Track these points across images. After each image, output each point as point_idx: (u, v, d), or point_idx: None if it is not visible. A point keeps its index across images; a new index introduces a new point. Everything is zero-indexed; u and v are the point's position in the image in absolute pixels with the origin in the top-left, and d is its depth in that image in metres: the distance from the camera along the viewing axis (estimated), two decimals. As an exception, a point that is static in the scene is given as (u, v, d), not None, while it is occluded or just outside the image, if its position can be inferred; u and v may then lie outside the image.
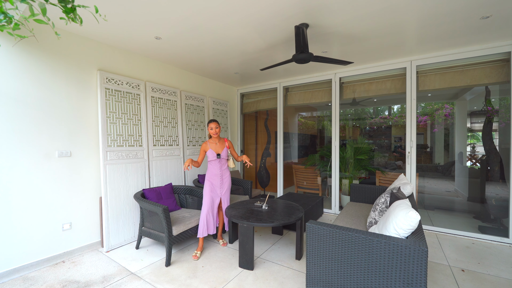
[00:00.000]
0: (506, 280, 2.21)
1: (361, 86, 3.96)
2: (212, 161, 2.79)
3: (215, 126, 2.79)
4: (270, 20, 2.40)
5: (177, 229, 2.54)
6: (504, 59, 2.98)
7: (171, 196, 3.14)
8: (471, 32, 2.69)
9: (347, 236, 1.64)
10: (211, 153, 2.77)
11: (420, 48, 3.14)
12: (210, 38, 2.82)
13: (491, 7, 2.21)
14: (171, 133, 3.64)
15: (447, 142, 6.02)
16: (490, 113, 3.75)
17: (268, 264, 2.47)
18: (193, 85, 4.16)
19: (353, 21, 2.44)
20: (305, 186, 5.17)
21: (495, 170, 3.46)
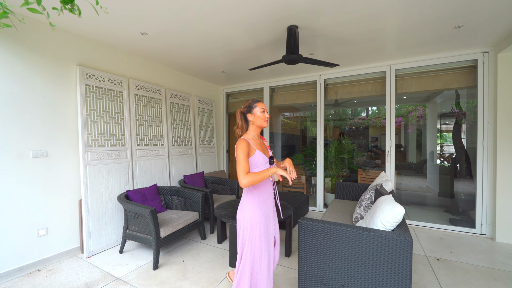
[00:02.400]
0: (474, 266, 2.43)
1: (344, 88, 4.12)
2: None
3: (267, 109, 1.74)
4: (261, 20, 2.42)
5: (165, 231, 2.47)
6: (472, 65, 3.27)
7: (156, 197, 3.04)
8: (444, 40, 2.92)
9: (338, 231, 1.70)
10: (260, 158, 1.54)
11: (399, 53, 3.34)
12: (197, 36, 2.78)
13: (463, 18, 2.41)
14: (155, 133, 3.52)
15: (419, 142, 6.45)
16: (458, 115, 4.09)
17: (258, 263, 2.48)
18: (179, 83, 4.07)
19: (340, 25, 2.54)
20: (290, 185, 5.26)
21: (463, 167, 3.78)
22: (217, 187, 4.03)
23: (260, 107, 1.59)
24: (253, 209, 1.54)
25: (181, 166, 3.92)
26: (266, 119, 1.60)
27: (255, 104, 1.60)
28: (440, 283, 2.14)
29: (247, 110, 1.62)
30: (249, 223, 1.53)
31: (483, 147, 3.19)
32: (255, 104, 1.60)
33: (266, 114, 1.61)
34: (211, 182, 4.05)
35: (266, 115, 1.60)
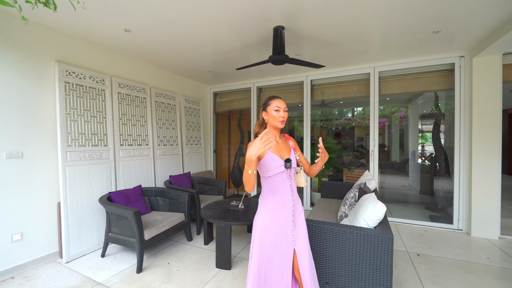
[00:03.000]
0: (451, 260, 2.54)
1: (330, 89, 4.19)
2: (276, 176, 1.38)
3: (284, 107, 1.39)
4: (247, 20, 2.41)
5: (149, 233, 2.41)
6: (450, 69, 3.42)
7: (140, 198, 2.96)
8: (424, 44, 3.04)
9: (322, 230, 1.73)
10: (271, 161, 1.34)
11: (382, 55, 3.44)
12: (183, 34, 2.73)
13: (441, 24, 2.52)
14: (140, 132, 3.43)
15: (402, 141, 6.69)
16: (437, 116, 4.27)
17: (245, 262, 2.48)
18: (164, 82, 3.98)
19: (326, 27, 2.58)
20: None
21: (442, 166, 3.96)
22: (204, 187, 3.99)
23: (274, 104, 1.37)
24: (264, 217, 1.39)
25: (167, 167, 3.84)
26: (280, 119, 1.35)
27: (270, 100, 1.39)
28: (420, 277, 2.23)
29: (263, 107, 1.42)
30: (258, 231, 1.39)
31: (459, 146, 3.35)
32: (270, 100, 1.39)
33: (281, 113, 1.36)
34: (198, 183, 4.00)
35: (281, 114, 1.36)
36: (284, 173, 1.38)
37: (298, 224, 1.43)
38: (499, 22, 2.48)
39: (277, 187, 1.38)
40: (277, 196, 1.38)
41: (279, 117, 1.36)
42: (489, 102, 3.08)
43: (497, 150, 3.07)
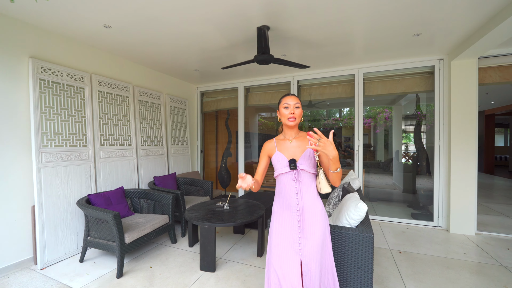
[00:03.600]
0: (431, 256, 2.62)
1: (317, 90, 4.23)
2: (282, 177, 1.37)
3: (295, 104, 1.34)
4: (232, 19, 2.39)
5: (130, 236, 2.33)
6: (430, 71, 3.54)
7: (122, 201, 2.87)
8: (406, 47, 3.12)
9: (306, 230, 1.73)
10: (278, 161, 1.36)
11: (366, 57, 3.50)
12: (167, 32, 2.67)
13: (421, 27, 2.59)
14: (122, 132, 3.32)
15: (387, 141, 6.86)
16: (419, 117, 4.40)
17: (230, 264, 2.45)
18: (148, 80, 3.88)
19: (311, 28, 2.59)
20: (265, 184, 5.29)
21: (423, 166, 4.09)
22: (190, 188, 3.92)
23: (284, 101, 1.34)
24: (272, 216, 1.41)
25: (151, 167, 3.74)
26: (289, 116, 1.31)
27: (282, 98, 1.38)
28: (401, 274, 2.28)
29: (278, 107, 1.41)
30: (270, 233, 1.40)
31: (439, 146, 3.47)
32: (282, 98, 1.38)
33: (292, 109, 1.32)
34: (183, 184, 3.93)
35: (290, 111, 1.32)
36: (290, 175, 1.33)
37: (309, 234, 1.29)
38: (474, 27, 2.58)
39: (282, 188, 1.36)
40: (282, 197, 1.37)
41: (288, 115, 1.32)
42: (466, 104, 3.21)
43: (474, 150, 3.20)
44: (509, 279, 2.19)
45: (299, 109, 1.34)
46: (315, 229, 1.29)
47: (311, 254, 1.27)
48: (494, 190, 6.19)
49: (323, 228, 1.31)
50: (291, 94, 1.38)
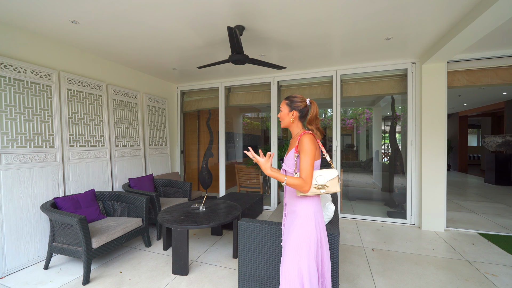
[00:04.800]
0: (402, 253, 2.71)
1: (296, 90, 4.27)
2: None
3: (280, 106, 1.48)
4: (205, 17, 2.35)
5: (99, 240, 2.24)
6: (403, 74, 3.66)
7: (93, 204, 2.75)
8: (379, 50, 3.21)
9: (273, 230, 1.73)
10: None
11: (343, 59, 3.57)
12: (140, 29, 2.59)
13: (392, 31, 2.67)
14: (94, 132, 3.19)
15: (368, 142, 7.05)
16: (394, 118, 4.55)
17: (204, 267, 2.42)
18: (124, 79, 3.76)
19: (287, 29, 2.60)
20: (248, 185, 5.28)
21: (398, 165, 4.23)
22: (168, 190, 3.83)
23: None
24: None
25: (127, 169, 3.62)
26: (280, 119, 1.47)
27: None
28: (372, 271, 2.34)
29: None
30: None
31: (411, 146, 3.60)
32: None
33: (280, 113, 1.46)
34: (161, 185, 3.83)
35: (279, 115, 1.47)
36: (282, 172, 1.43)
37: (288, 225, 1.39)
38: (441, 33, 2.70)
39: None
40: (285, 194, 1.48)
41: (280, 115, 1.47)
42: (436, 106, 3.35)
43: (443, 151, 3.34)
44: (471, 272, 2.30)
45: (282, 112, 1.44)
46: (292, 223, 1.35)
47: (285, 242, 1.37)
48: (466, 188, 6.52)
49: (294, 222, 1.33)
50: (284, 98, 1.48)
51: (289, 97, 1.44)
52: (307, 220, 1.30)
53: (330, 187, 1.28)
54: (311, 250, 1.27)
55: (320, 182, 1.28)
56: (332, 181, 1.28)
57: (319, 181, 1.28)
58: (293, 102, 1.41)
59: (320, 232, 1.32)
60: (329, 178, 1.28)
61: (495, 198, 5.25)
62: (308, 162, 1.25)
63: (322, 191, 1.27)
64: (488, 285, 2.10)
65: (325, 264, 1.36)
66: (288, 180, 1.24)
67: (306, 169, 1.24)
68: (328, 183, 1.28)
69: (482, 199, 5.22)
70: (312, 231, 1.29)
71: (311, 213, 1.31)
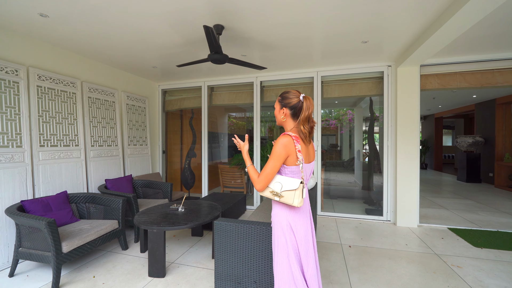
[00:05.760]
0: (377, 249, 2.82)
1: (279, 91, 4.31)
2: None
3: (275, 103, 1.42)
4: (182, 15, 2.32)
5: (70, 244, 2.15)
6: (380, 76, 3.80)
7: (65, 206, 2.63)
8: (357, 53, 3.31)
9: (249, 229, 1.74)
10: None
11: (323, 61, 3.65)
12: (116, 25, 2.51)
13: (368, 34, 2.77)
14: (67, 131, 3.05)
15: (350, 142, 7.25)
16: (373, 118, 4.71)
17: (182, 268, 2.38)
18: (100, 76, 3.62)
19: (267, 29, 2.62)
20: (232, 185, 5.27)
21: (376, 164, 4.38)
22: (148, 191, 3.74)
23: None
24: None
25: (104, 170, 3.50)
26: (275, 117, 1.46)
27: None
28: (347, 267, 2.41)
29: None
30: None
31: (387, 146, 3.75)
32: None
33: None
34: (141, 186, 3.74)
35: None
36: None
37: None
38: (414, 37, 2.83)
39: None
40: None
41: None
42: (410, 108, 3.50)
43: (416, 150, 3.50)
44: (439, 265, 2.43)
45: (275, 109, 1.42)
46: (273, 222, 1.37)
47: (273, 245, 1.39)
48: (440, 185, 6.87)
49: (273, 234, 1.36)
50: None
51: (282, 93, 1.36)
52: (278, 227, 1.30)
53: (285, 197, 1.20)
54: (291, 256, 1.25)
55: (276, 189, 1.22)
56: (289, 192, 1.19)
57: (275, 187, 1.23)
58: (284, 99, 1.34)
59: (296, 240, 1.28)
60: (286, 188, 1.21)
61: (465, 195, 5.58)
62: (269, 163, 1.22)
63: (276, 199, 1.23)
64: (453, 277, 2.23)
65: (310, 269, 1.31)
66: (249, 168, 1.33)
67: (265, 170, 1.23)
68: (283, 193, 1.21)
69: (453, 196, 5.53)
70: (282, 239, 1.27)
71: (283, 219, 1.28)
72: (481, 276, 2.23)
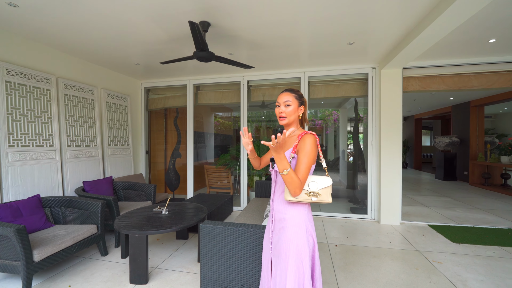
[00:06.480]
0: (362, 247, 2.86)
1: (266, 90, 4.29)
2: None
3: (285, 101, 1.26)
4: (166, 10, 2.23)
5: (42, 252, 2.00)
6: (365, 78, 3.88)
7: (37, 211, 2.45)
8: (343, 54, 3.35)
9: (236, 232, 1.69)
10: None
11: (310, 62, 3.67)
12: (94, 17, 2.37)
13: (354, 36, 2.81)
14: (40, 131, 2.85)
15: (336, 142, 7.38)
16: (358, 119, 4.81)
17: (166, 273, 2.29)
18: (78, 72, 3.42)
19: (254, 28, 2.58)
20: (218, 185, 5.18)
21: (360, 164, 4.48)
22: (129, 193, 3.58)
23: (277, 100, 1.29)
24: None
25: (81, 171, 3.31)
26: (279, 115, 1.27)
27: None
28: (334, 266, 2.43)
29: None
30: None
31: (372, 146, 3.83)
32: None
33: (282, 108, 1.26)
34: (122, 188, 3.57)
35: (279, 110, 1.27)
36: (273, 174, 1.31)
37: (276, 234, 1.25)
38: (398, 40, 2.90)
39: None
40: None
41: (278, 114, 1.27)
42: (393, 109, 3.60)
43: (399, 150, 3.61)
44: (421, 261, 2.51)
45: (291, 106, 1.24)
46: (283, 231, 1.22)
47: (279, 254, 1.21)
48: (420, 184, 7.17)
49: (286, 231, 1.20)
50: (286, 90, 1.29)
51: (294, 90, 1.28)
52: (298, 230, 1.18)
53: (323, 195, 1.16)
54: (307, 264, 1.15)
55: (313, 189, 1.15)
56: (326, 189, 1.17)
57: (312, 187, 1.16)
58: (301, 97, 1.28)
59: (313, 242, 1.22)
60: (322, 186, 1.16)
61: (443, 193, 5.85)
62: (306, 164, 1.13)
63: (313, 199, 1.15)
64: (434, 272, 2.30)
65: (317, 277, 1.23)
66: (289, 173, 1.08)
67: (304, 171, 1.12)
68: (320, 191, 1.16)
69: (432, 193, 5.77)
70: (305, 243, 1.17)
71: (302, 222, 1.19)
72: (460, 271, 2.32)
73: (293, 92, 1.27)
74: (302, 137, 1.18)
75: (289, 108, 1.25)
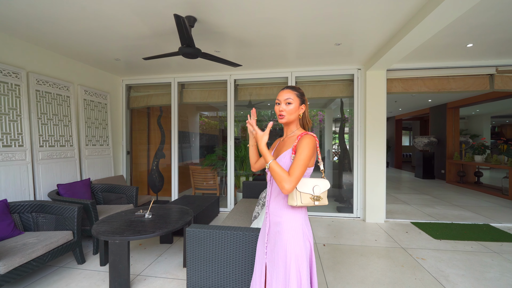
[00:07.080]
0: (349, 246, 2.89)
1: (253, 90, 4.24)
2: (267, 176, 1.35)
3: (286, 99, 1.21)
4: (149, 2, 2.11)
5: (9, 263, 1.81)
6: (351, 79, 3.94)
7: (4, 217, 2.23)
8: (330, 55, 3.38)
9: (224, 235, 1.62)
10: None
11: (298, 61, 3.67)
12: (73, 10, 2.21)
13: (341, 37, 2.82)
14: (8, 130, 2.61)
15: (321, 142, 7.47)
16: (343, 120, 4.89)
17: (149, 281, 2.17)
18: (52, 67, 3.18)
19: (242, 25, 2.52)
20: (204, 186, 5.06)
21: (346, 163, 4.55)
22: (109, 196, 3.38)
23: (277, 98, 1.24)
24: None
25: (56, 173, 3.07)
26: (278, 113, 1.22)
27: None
28: (323, 266, 2.42)
29: None
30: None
31: (357, 146, 3.90)
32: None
33: (282, 106, 1.21)
34: (101, 191, 3.37)
35: (279, 108, 1.22)
36: (268, 174, 1.27)
37: (272, 238, 1.20)
38: (382, 42, 2.96)
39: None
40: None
41: (278, 112, 1.22)
42: (378, 110, 3.68)
43: (383, 149, 3.70)
44: (406, 258, 2.57)
45: (292, 105, 1.19)
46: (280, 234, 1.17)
47: (275, 259, 1.17)
48: (401, 182, 7.44)
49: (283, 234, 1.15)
50: (287, 87, 1.24)
51: (296, 87, 1.25)
52: (295, 234, 1.14)
53: (323, 199, 1.15)
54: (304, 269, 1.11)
55: (317, 193, 1.12)
56: (325, 193, 1.16)
57: (316, 191, 1.12)
58: (303, 95, 1.24)
59: (310, 246, 1.19)
60: (323, 190, 1.14)
61: (423, 190, 6.10)
62: (302, 161, 1.08)
63: (316, 203, 1.12)
64: (419, 269, 2.36)
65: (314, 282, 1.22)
66: (273, 164, 1.07)
67: (298, 168, 1.07)
68: (322, 195, 1.14)
69: (413, 191, 6.00)
70: (302, 248, 1.13)
71: (299, 225, 1.15)
72: (442, 267, 2.40)
73: (294, 90, 1.22)
74: (301, 137, 1.14)
75: (290, 106, 1.20)
